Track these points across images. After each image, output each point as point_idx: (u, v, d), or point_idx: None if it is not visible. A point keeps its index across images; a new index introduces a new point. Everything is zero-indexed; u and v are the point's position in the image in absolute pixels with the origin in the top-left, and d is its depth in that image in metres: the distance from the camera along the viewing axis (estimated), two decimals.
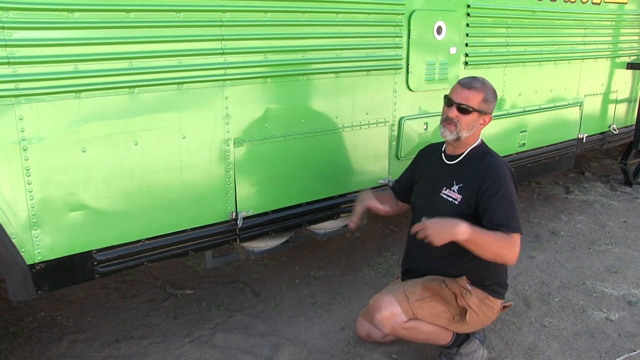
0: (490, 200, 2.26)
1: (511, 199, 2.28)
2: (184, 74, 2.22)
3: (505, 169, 2.34)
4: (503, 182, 2.28)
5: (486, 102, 2.34)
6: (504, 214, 2.25)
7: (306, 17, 2.54)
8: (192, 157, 2.33)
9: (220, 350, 2.66)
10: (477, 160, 2.38)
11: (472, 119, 2.33)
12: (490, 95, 2.36)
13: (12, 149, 1.90)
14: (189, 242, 2.42)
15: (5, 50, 1.83)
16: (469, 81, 2.36)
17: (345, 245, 3.94)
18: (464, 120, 2.32)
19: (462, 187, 2.35)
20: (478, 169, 2.34)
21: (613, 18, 4.34)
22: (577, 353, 2.67)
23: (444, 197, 2.40)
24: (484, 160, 2.36)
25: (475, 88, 2.32)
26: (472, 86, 2.33)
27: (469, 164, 2.39)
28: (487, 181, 2.29)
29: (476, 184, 2.31)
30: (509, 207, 2.26)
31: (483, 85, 2.35)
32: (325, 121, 2.73)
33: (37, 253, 2.03)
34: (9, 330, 2.85)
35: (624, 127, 4.85)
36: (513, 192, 2.31)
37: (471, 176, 2.34)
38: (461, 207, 2.33)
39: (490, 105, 2.37)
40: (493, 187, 2.27)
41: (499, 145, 3.60)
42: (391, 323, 2.32)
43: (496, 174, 2.30)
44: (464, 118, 2.32)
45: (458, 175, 2.39)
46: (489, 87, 2.37)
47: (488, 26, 3.39)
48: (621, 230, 4.27)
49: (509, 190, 2.29)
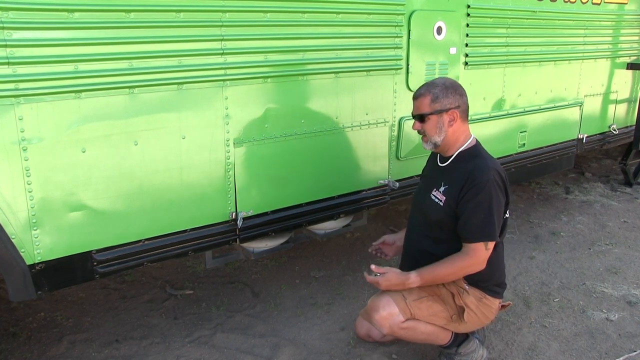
0: (467, 206, 2.25)
1: (489, 205, 2.24)
2: (184, 74, 2.22)
3: (489, 172, 2.26)
4: (483, 187, 2.23)
5: (436, 101, 2.31)
6: (476, 222, 2.23)
7: (306, 17, 2.54)
8: (192, 157, 2.33)
9: (220, 351, 2.66)
10: (464, 162, 2.37)
11: (433, 122, 2.33)
12: (439, 91, 2.31)
13: (12, 149, 1.90)
14: (189, 243, 2.42)
15: (5, 50, 1.83)
16: (417, 90, 2.39)
17: (345, 246, 3.94)
18: (427, 128, 2.35)
19: (447, 188, 2.35)
20: (463, 171, 2.32)
21: (613, 18, 4.34)
22: (577, 353, 2.67)
23: (432, 197, 2.41)
24: (470, 163, 2.34)
25: (420, 95, 2.34)
26: (418, 94, 2.35)
27: (457, 166, 2.38)
28: (468, 185, 2.26)
29: (458, 186, 2.30)
30: (483, 215, 2.24)
31: (428, 87, 2.35)
32: (325, 121, 2.73)
33: (37, 253, 2.03)
34: (9, 330, 2.85)
35: (624, 127, 4.84)
36: (492, 198, 2.24)
37: (456, 178, 2.33)
38: (444, 208, 2.33)
39: (444, 101, 2.31)
40: (471, 193, 2.25)
41: (499, 146, 3.61)
42: (389, 323, 2.32)
43: (477, 178, 2.25)
44: (426, 126, 2.35)
45: (445, 177, 2.39)
46: (437, 84, 2.34)
47: (488, 26, 3.39)
48: (621, 230, 4.27)
49: (487, 197, 2.24)
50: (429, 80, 2.42)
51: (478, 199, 2.24)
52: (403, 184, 3.11)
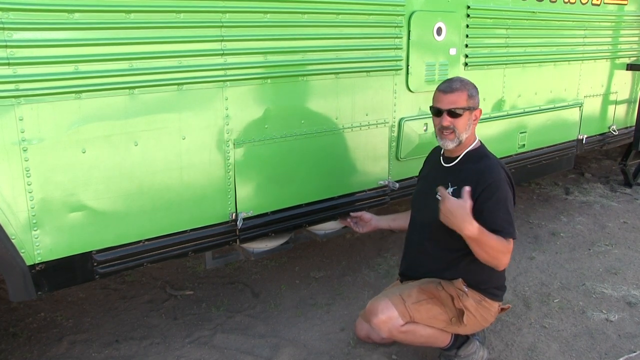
0: (486, 205, 2.25)
1: (506, 203, 2.28)
2: (184, 74, 2.22)
3: (500, 171, 2.33)
4: (498, 185, 2.28)
5: (471, 98, 2.34)
6: (501, 220, 2.25)
7: (306, 18, 2.54)
8: (192, 157, 2.33)
9: (220, 351, 2.66)
10: (472, 162, 2.38)
11: (465, 119, 2.34)
12: (472, 90, 2.36)
13: (12, 150, 1.90)
14: (189, 243, 2.42)
15: (5, 51, 1.83)
16: (448, 85, 2.36)
17: (345, 246, 3.94)
18: (459, 124, 2.32)
19: (457, 189, 2.34)
20: (473, 171, 2.34)
21: (613, 19, 4.34)
22: (576, 354, 2.67)
23: (439, 199, 2.40)
24: (480, 163, 2.36)
25: (457, 89, 2.33)
26: (454, 88, 2.33)
27: (464, 167, 2.39)
28: (481, 185, 2.28)
29: (471, 187, 2.30)
30: (504, 213, 2.26)
31: (462, 83, 2.36)
32: (325, 122, 2.73)
33: (37, 254, 2.03)
34: (9, 330, 2.85)
35: (624, 128, 4.84)
36: (508, 197, 2.30)
37: (466, 179, 2.33)
38: None
39: (476, 99, 2.37)
40: (488, 191, 2.27)
41: (499, 146, 3.60)
42: (388, 327, 2.31)
43: (491, 177, 2.29)
44: (458, 122, 2.32)
45: (454, 178, 2.39)
46: (468, 82, 2.39)
47: (488, 27, 3.39)
48: (621, 231, 4.27)
49: (504, 194, 2.28)
50: (454, 77, 2.42)
51: (496, 199, 2.26)
52: (403, 185, 3.11)
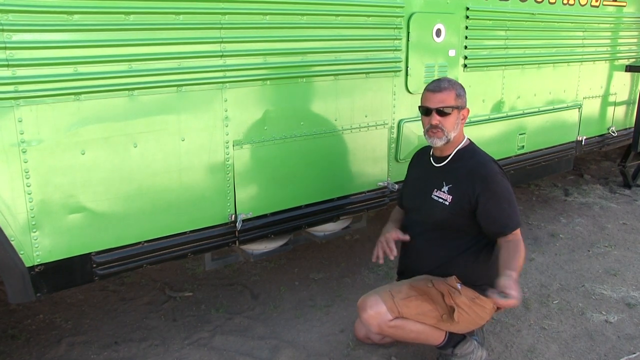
0: (489, 203, 2.29)
1: (507, 195, 2.33)
2: (183, 76, 2.23)
3: (493, 165, 2.39)
4: (493, 179, 2.32)
5: (459, 97, 2.38)
6: (506, 218, 2.29)
7: (305, 19, 2.54)
8: (192, 159, 2.33)
9: (219, 353, 2.66)
10: (464, 160, 2.41)
11: (454, 117, 2.36)
12: (460, 89, 2.40)
13: (12, 151, 1.90)
14: (188, 245, 2.42)
15: (4, 52, 1.83)
16: (437, 84, 2.39)
17: (345, 248, 3.94)
18: (448, 122, 2.35)
19: (452, 187, 2.38)
20: (466, 169, 2.37)
21: (612, 21, 4.35)
22: (576, 355, 2.67)
23: (435, 198, 2.42)
24: (472, 160, 2.40)
25: (445, 88, 2.36)
26: (442, 87, 2.36)
27: (457, 164, 2.42)
28: (478, 182, 2.31)
29: (467, 185, 2.33)
30: (507, 205, 2.31)
31: (450, 83, 2.39)
32: (324, 123, 2.73)
33: (36, 255, 2.03)
34: (8, 332, 2.85)
35: (623, 129, 4.85)
36: (507, 187, 2.35)
37: (460, 177, 2.37)
38: (451, 207, 2.36)
39: (464, 99, 2.40)
40: (487, 188, 2.30)
41: (498, 148, 3.61)
42: (377, 322, 2.33)
43: (485, 173, 2.34)
44: (447, 120, 2.35)
45: (447, 176, 2.41)
46: (456, 82, 2.42)
47: (487, 29, 3.40)
48: (620, 232, 4.27)
49: (502, 186, 2.33)
50: (442, 78, 2.46)
51: (496, 197, 2.30)
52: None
